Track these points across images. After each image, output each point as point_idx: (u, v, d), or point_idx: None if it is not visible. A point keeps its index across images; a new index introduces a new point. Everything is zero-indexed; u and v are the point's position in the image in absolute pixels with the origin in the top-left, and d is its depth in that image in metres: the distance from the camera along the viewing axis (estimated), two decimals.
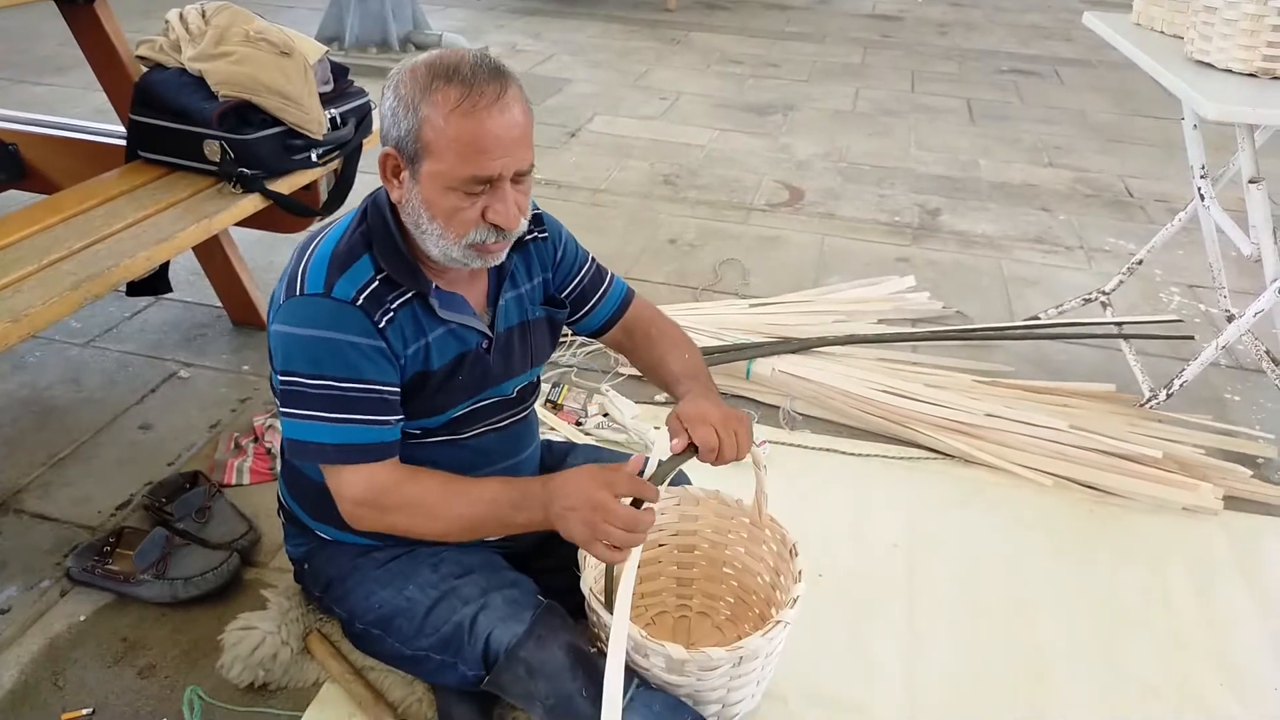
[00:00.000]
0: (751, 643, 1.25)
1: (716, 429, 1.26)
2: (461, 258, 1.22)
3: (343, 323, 1.19)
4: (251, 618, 1.52)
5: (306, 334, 1.19)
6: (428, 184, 1.17)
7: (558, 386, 2.26)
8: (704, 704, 1.32)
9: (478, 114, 1.13)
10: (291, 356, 1.20)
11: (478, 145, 1.14)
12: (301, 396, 1.20)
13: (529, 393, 1.45)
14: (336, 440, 1.21)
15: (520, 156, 1.18)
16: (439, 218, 1.19)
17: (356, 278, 1.21)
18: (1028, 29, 6.89)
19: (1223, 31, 2.02)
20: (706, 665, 1.25)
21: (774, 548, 1.48)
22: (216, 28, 2.01)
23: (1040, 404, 2.25)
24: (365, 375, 1.20)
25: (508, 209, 1.18)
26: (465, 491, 1.24)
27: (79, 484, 1.92)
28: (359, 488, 1.23)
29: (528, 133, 1.19)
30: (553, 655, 1.23)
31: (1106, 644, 1.68)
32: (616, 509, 1.15)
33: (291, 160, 2.04)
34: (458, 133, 1.13)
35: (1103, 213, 3.64)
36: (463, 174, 1.15)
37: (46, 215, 1.80)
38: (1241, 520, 1.99)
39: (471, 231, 1.19)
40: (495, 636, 1.25)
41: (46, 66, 4.76)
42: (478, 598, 1.29)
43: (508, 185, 1.18)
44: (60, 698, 1.46)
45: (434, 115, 1.14)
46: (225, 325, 2.53)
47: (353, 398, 1.20)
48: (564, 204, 3.47)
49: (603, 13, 6.70)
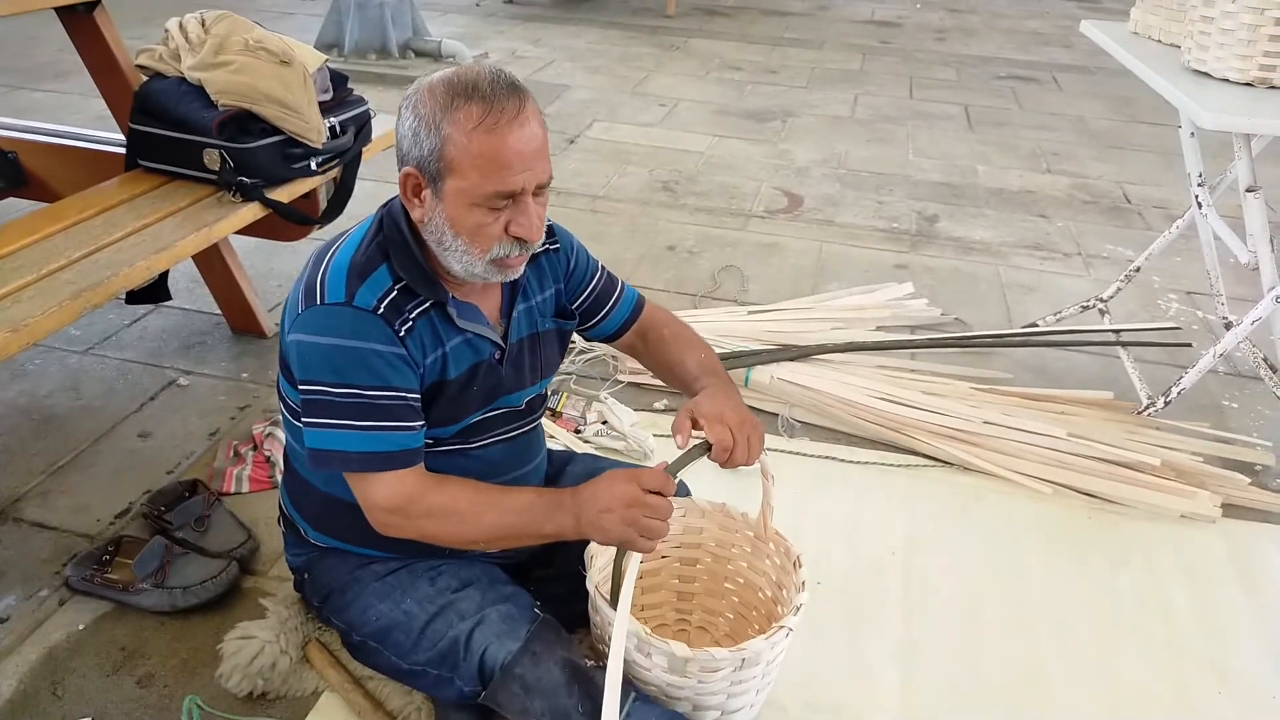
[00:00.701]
0: (755, 645, 1.26)
1: (732, 430, 1.27)
2: (484, 273, 1.23)
3: (365, 331, 1.19)
4: (250, 627, 1.53)
5: (329, 343, 1.19)
6: (452, 201, 1.18)
7: (557, 394, 2.27)
8: (703, 709, 1.32)
9: (500, 130, 1.14)
10: (314, 366, 1.20)
11: (501, 161, 1.15)
12: (326, 405, 1.20)
13: (538, 404, 1.45)
14: (364, 448, 1.21)
15: (540, 170, 1.19)
16: (464, 234, 1.19)
17: (376, 286, 1.21)
18: (1026, 35, 6.90)
19: (1219, 41, 2.02)
20: (709, 666, 1.25)
21: (777, 561, 1.48)
22: (216, 37, 2.01)
23: (1038, 411, 2.25)
24: (391, 382, 1.20)
25: (530, 222, 1.19)
26: (497, 501, 1.24)
27: (78, 492, 1.92)
28: (388, 495, 1.22)
29: (545, 146, 1.20)
30: (548, 672, 1.23)
31: (1104, 651, 1.68)
32: (651, 500, 1.18)
33: (291, 169, 2.05)
34: (481, 149, 1.14)
35: (1101, 219, 3.64)
36: (488, 190, 1.16)
37: (46, 224, 1.80)
38: (1239, 528, 1.99)
39: (495, 246, 1.20)
40: (490, 653, 1.25)
41: (46, 73, 4.77)
42: (473, 613, 1.30)
43: (530, 199, 1.19)
44: (59, 707, 1.46)
45: (456, 134, 1.14)
46: (225, 333, 2.54)
47: (379, 405, 1.20)
48: (563, 210, 3.47)
49: (602, 19, 6.72)
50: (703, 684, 1.28)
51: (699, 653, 1.23)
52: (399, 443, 1.22)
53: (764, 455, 1.33)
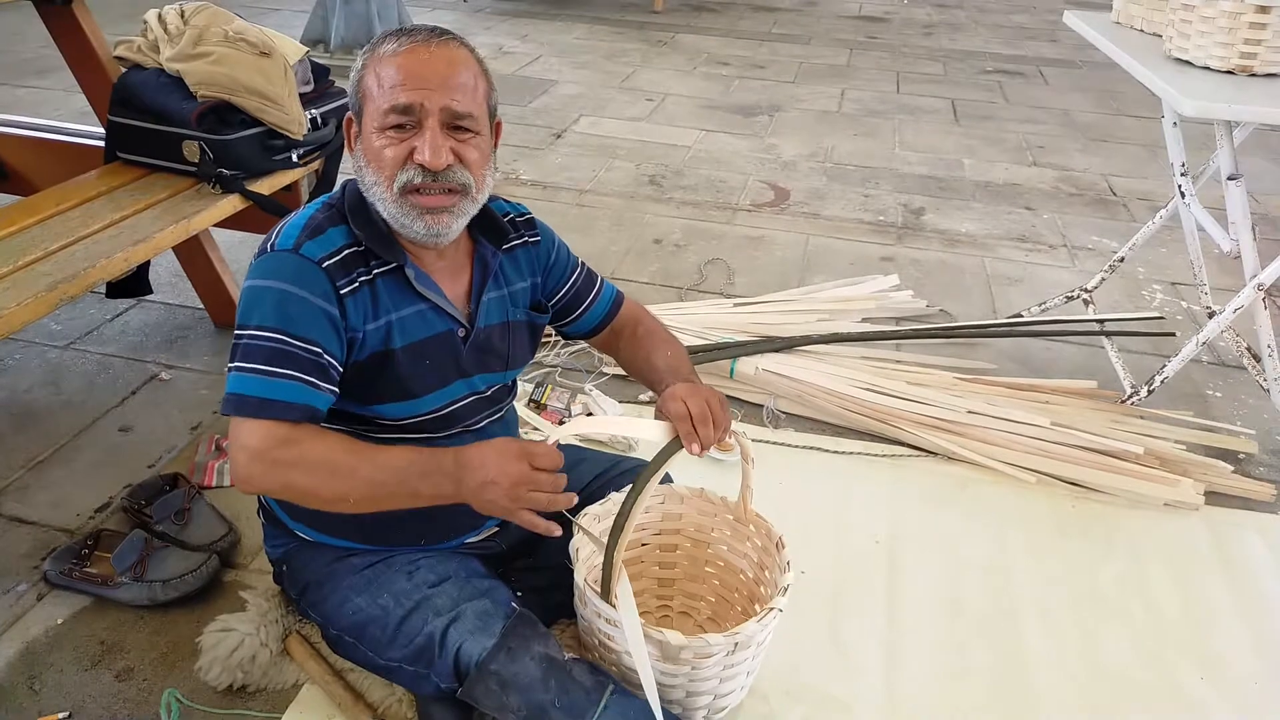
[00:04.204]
0: (747, 628, 1.26)
1: (685, 401, 1.25)
2: (403, 216, 1.21)
3: (304, 280, 1.19)
4: (230, 619, 1.51)
5: (266, 285, 1.19)
6: (366, 133, 1.22)
7: (541, 386, 2.26)
8: (697, 695, 1.31)
9: (403, 53, 1.19)
10: (248, 310, 1.19)
11: (396, 78, 1.18)
12: (244, 350, 1.17)
13: (504, 394, 1.44)
14: (261, 393, 1.15)
15: (447, 94, 1.18)
16: (372, 162, 1.21)
17: (327, 244, 1.22)
18: (1012, 30, 6.92)
19: (1201, 29, 2.03)
20: (703, 653, 1.25)
21: (759, 543, 1.48)
22: (195, 28, 2.00)
23: (1022, 401, 2.26)
24: (311, 335, 1.18)
25: (427, 144, 1.18)
26: (372, 457, 1.17)
27: (57, 487, 1.91)
28: (258, 439, 1.14)
29: (462, 77, 1.20)
30: (524, 667, 1.22)
31: (1088, 639, 1.68)
32: (541, 478, 1.14)
33: (272, 161, 2.04)
34: (382, 70, 1.19)
35: (1086, 211, 3.65)
36: (384, 106, 1.18)
37: (22, 216, 1.79)
38: (1222, 515, 2.00)
39: (400, 173, 1.19)
40: (465, 650, 1.23)
41: (28, 69, 4.73)
42: (449, 609, 1.28)
43: (434, 125, 1.18)
44: (36, 702, 1.45)
45: (371, 63, 1.21)
46: (207, 327, 2.52)
47: (290, 353, 1.16)
48: (549, 205, 3.46)
49: (589, 14, 6.70)
50: (696, 670, 1.27)
51: (693, 640, 1.23)
52: (299, 395, 1.16)
53: (744, 437, 1.32)
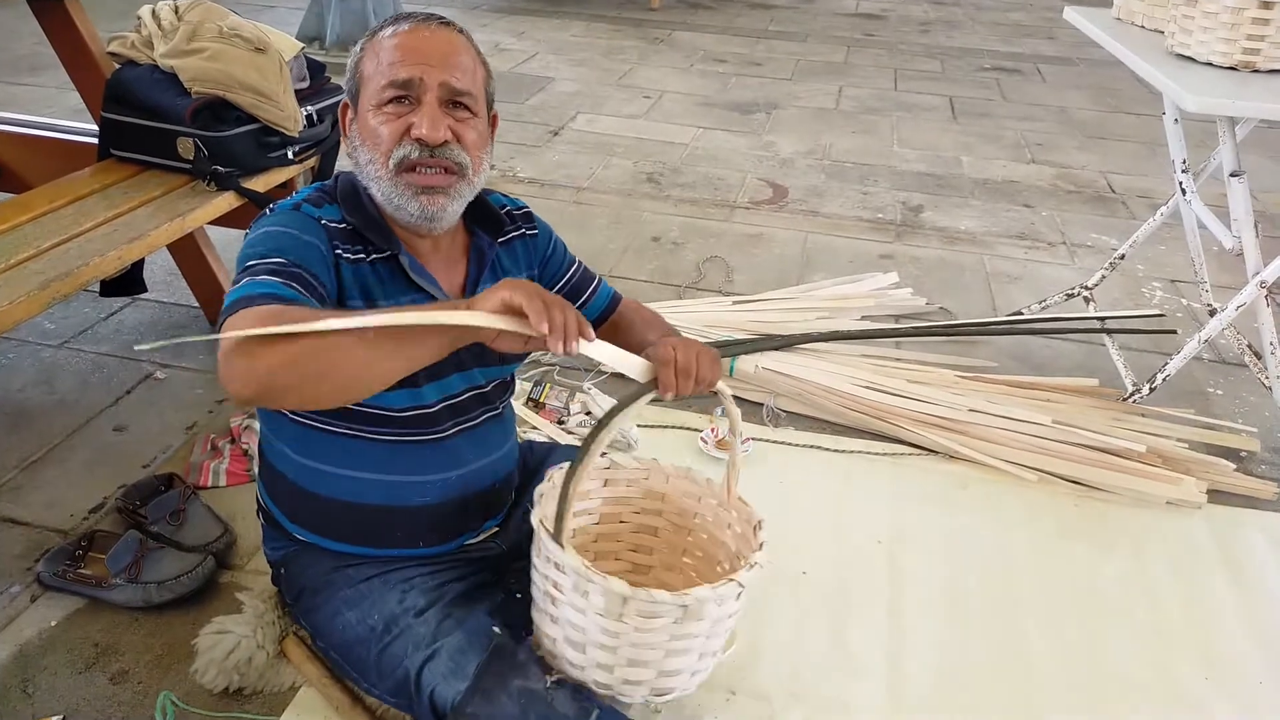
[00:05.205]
0: (699, 592, 1.16)
1: (675, 349, 1.21)
2: (398, 196, 1.19)
3: (305, 228, 1.19)
4: (226, 621, 1.49)
5: (267, 229, 1.18)
6: (362, 115, 1.22)
7: (540, 385, 2.24)
8: (639, 665, 1.22)
9: (401, 34, 1.20)
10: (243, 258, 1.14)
11: (395, 56, 1.18)
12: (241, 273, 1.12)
13: (502, 389, 1.43)
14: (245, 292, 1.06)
15: (446, 71, 1.19)
16: (368, 141, 1.20)
17: (327, 213, 1.23)
18: (1009, 27, 6.91)
19: (1203, 25, 2.02)
20: (647, 611, 1.16)
21: (738, 530, 1.39)
22: (189, 24, 1.98)
23: (1023, 399, 2.25)
24: (305, 261, 1.14)
25: (425, 119, 1.17)
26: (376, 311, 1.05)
27: (51, 487, 1.89)
28: (250, 319, 1.00)
29: (462, 58, 1.21)
30: (501, 708, 1.18)
31: (1090, 638, 1.67)
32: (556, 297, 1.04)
33: (267, 157, 2.02)
34: (381, 51, 1.20)
35: (1085, 208, 3.64)
36: (381, 83, 1.18)
37: (15, 214, 1.77)
38: (1225, 513, 1.99)
39: (396, 149, 1.18)
40: (439, 693, 1.21)
41: (22, 66, 4.71)
42: (426, 644, 1.24)
43: (432, 101, 1.18)
44: (30, 705, 1.43)
45: (369, 48, 1.22)
46: (203, 326, 2.50)
47: (287, 269, 1.12)
48: (547, 202, 3.45)
49: (587, 12, 6.68)
50: (640, 632, 1.18)
51: (639, 591, 1.14)
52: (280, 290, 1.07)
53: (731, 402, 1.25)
